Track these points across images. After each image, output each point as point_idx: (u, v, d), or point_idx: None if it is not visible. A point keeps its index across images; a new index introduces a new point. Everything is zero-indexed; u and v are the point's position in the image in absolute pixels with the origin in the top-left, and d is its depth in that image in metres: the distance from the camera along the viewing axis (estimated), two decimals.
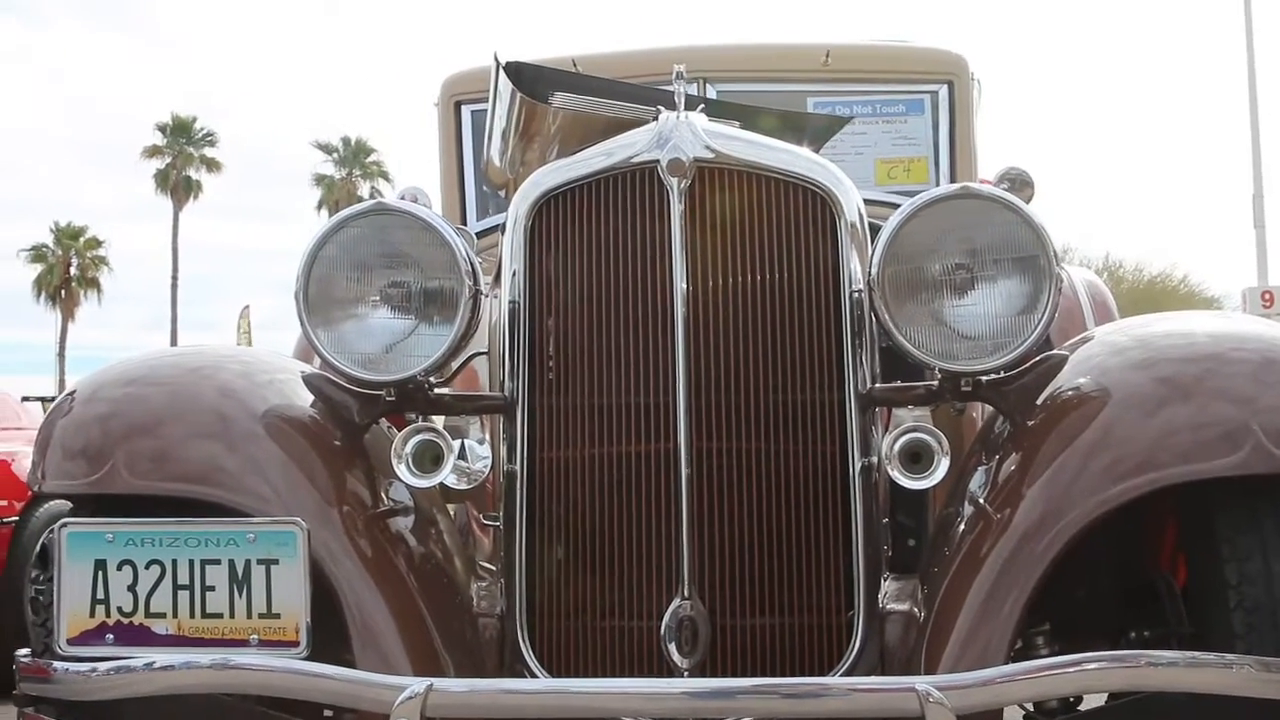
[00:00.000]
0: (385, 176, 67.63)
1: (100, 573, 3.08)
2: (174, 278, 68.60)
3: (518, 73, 4.03)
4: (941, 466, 3.18)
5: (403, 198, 5.14)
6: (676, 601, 3.20)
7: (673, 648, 3.19)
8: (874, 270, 3.22)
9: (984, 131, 5.85)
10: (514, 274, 3.44)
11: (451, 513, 3.97)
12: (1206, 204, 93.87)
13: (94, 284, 70.15)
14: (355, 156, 68.49)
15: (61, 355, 69.55)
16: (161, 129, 68.04)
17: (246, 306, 28.66)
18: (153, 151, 68.35)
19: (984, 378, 3.28)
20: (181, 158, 67.37)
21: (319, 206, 67.54)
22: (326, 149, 69.04)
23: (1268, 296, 31.83)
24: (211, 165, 68.74)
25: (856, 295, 3.35)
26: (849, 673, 3.25)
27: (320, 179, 68.55)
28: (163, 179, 67.72)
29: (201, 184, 68.52)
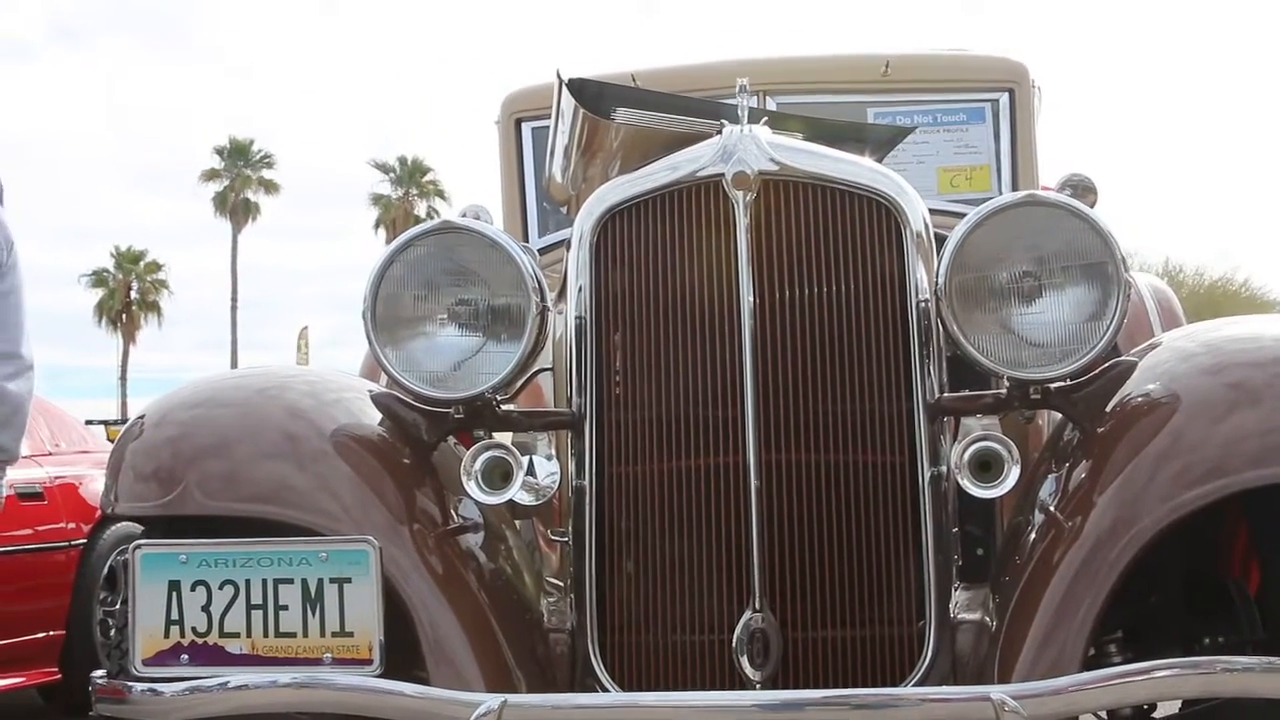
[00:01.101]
0: (442, 195, 67.90)
1: (174, 593, 3.11)
2: (233, 299, 69.04)
3: (580, 89, 4.03)
4: (1012, 475, 3.16)
5: (465, 215, 5.15)
6: (748, 614, 3.20)
7: (744, 660, 3.19)
8: (941, 279, 3.22)
9: (1045, 138, 5.82)
10: (580, 289, 3.45)
11: (518, 528, 3.99)
12: (1267, 207, 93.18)
13: (154, 307, 70.71)
14: (411, 176, 68.74)
15: (123, 378, 70.17)
16: (219, 152, 68.54)
17: (305, 327, 28.89)
18: (211, 174, 68.84)
19: (1053, 385, 3.27)
20: (239, 180, 67.83)
21: (376, 226, 67.82)
22: (383, 168, 69.33)
23: None
24: (269, 187, 69.19)
25: (923, 305, 3.35)
26: (921, 683, 3.24)
27: (377, 199, 68.84)
28: (221, 201, 68.19)
29: (259, 206, 69.00)
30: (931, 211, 3.64)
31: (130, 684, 3.15)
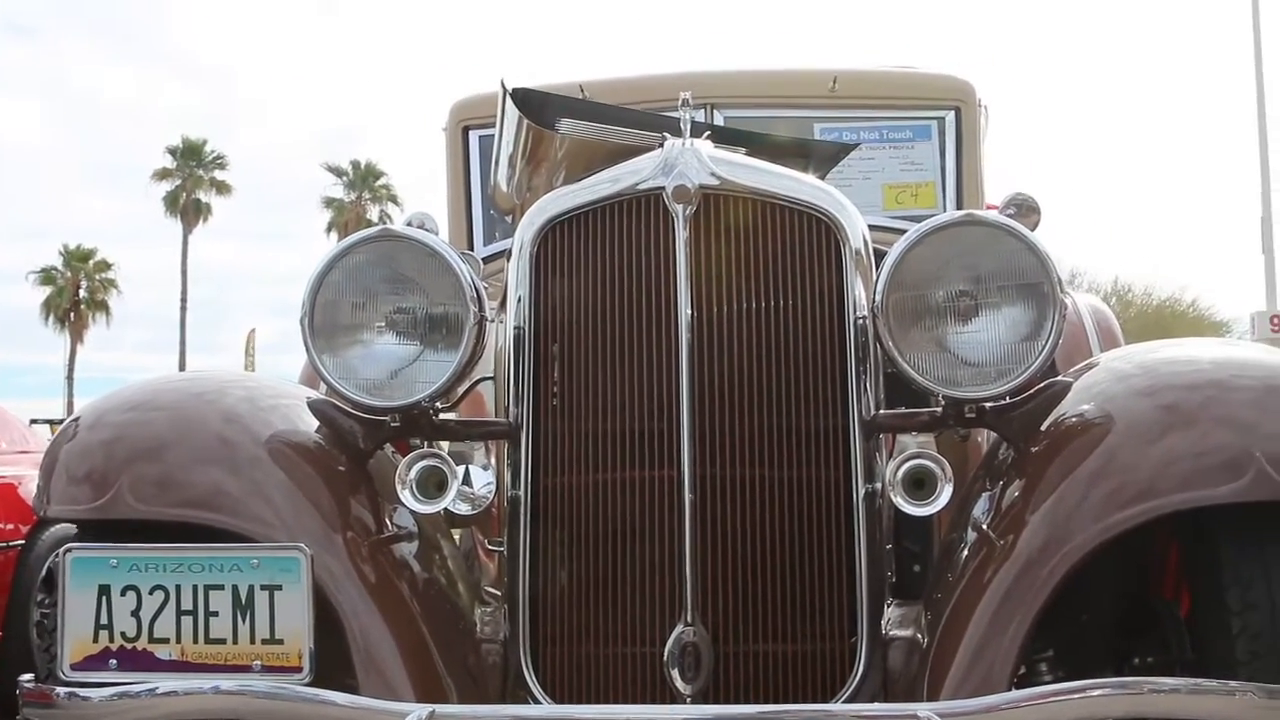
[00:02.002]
0: (395, 200, 67.69)
1: (104, 598, 3.09)
2: (183, 300, 68.62)
3: (524, 99, 4.03)
4: (945, 493, 3.17)
5: (410, 223, 5.14)
6: (680, 628, 3.20)
7: (676, 674, 3.19)
8: (878, 297, 3.23)
9: (992, 157, 5.85)
10: (519, 300, 3.45)
11: (458, 538, 3.97)
12: (1215, 228, 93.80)
13: (103, 306, 70.21)
14: (365, 180, 68.54)
15: (70, 378, 69.60)
16: (172, 152, 68.15)
17: (253, 330, 28.74)
18: (163, 174, 68.43)
19: (987, 404, 3.29)
20: (191, 180, 67.45)
21: (328, 229, 67.49)
22: (337, 172, 69.10)
23: (1276, 321, 31.82)
24: (221, 188, 68.80)
25: (861, 321, 3.36)
26: (852, 699, 3.25)
27: (330, 202, 68.60)
28: (172, 201, 67.79)
29: (211, 206, 68.60)
30: (876, 228, 3.66)
31: (57, 689, 3.11)
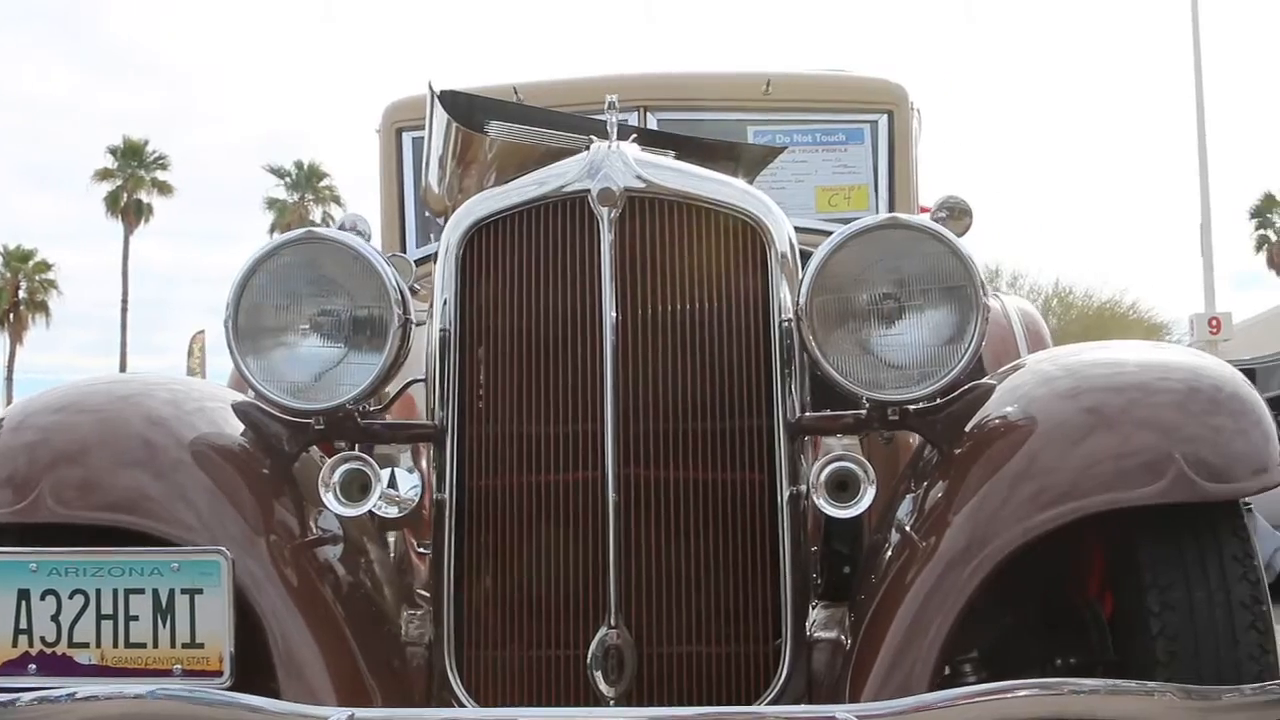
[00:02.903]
0: (338, 201, 67.31)
1: (24, 602, 3.06)
2: (124, 301, 68.05)
3: (453, 101, 4.03)
4: (867, 495, 3.18)
5: (343, 225, 5.13)
6: (603, 630, 3.20)
7: (599, 676, 3.19)
8: (802, 300, 3.24)
9: (930, 160, 5.88)
10: (445, 302, 3.45)
11: (392, 541, 3.97)
12: (1156, 232, 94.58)
13: (42, 307, 69.49)
14: (308, 181, 68.17)
15: (9, 379, 69.01)
16: (113, 151, 67.62)
17: (200, 332, 28.45)
18: (104, 174, 67.84)
19: (911, 407, 3.30)
20: (132, 180, 66.93)
21: (271, 230, 66.98)
22: (279, 173, 68.69)
23: (1214, 323, 32.04)
24: (163, 188, 68.29)
25: (786, 324, 3.37)
26: (775, 701, 3.26)
27: (272, 203, 68.23)
28: (113, 201, 67.28)
29: (152, 207, 68.09)
30: (807, 230, 3.67)
31: None
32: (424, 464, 3.68)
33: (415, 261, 5.16)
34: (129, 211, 66.85)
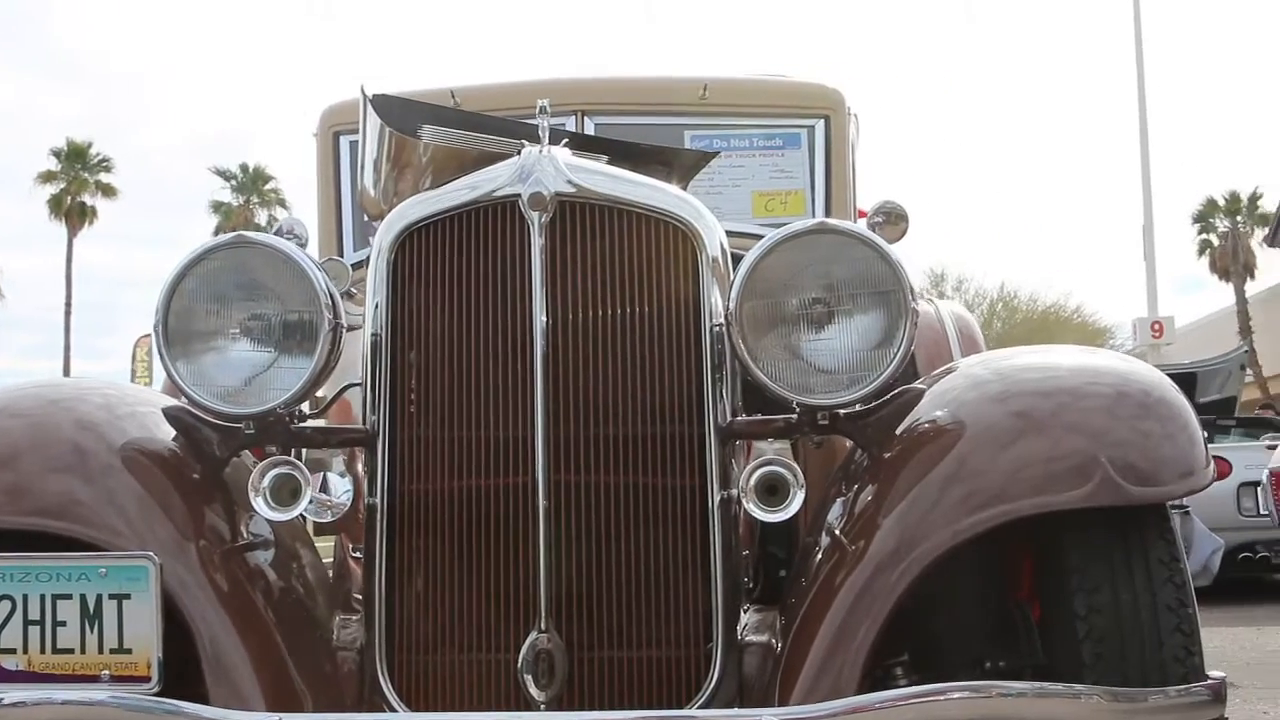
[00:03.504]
0: (283, 204, 66.86)
1: None
2: (67, 305, 67.38)
3: (385, 105, 4.03)
4: (797, 499, 3.19)
5: (280, 229, 5.12)
6: (533, 634, 3.21)
7: (529, 680, 3.19)
8: (732, 305, 3.24)
9: (869, 165, 5.89)
10: (376, 306, 3.44)
11: (332, 546, 3.96)
12: (1101, 236, 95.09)
13: None
14: (253, 184, 67.79)
15: None
16: (56, 154, 67.09)
17: (145, 335, 28.23)
18: (47, 176, 67.27)
19: (841, 411, 3.31)
20: (76, 183, 66.42)
21: (216, 233, 66.45)
22: (225, 175, 68.27)
23: (1157, 327, 32.30)
24: (107, 191, 67.78)
25: (717, 329, 3.38)
26: (707, 705, 3.27)
27: (218, 206, 67.84)
28: (56, 204, 66.74)
29: (96, 210, 67.60)
30: (745, 235, 3.68)
31: None
32: (359, 468, 3.67)
33: (352, 265, 5.16)
34: (72, 214, 66.25)
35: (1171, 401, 3.27)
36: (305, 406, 3.59)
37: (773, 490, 3.22)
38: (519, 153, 3.48)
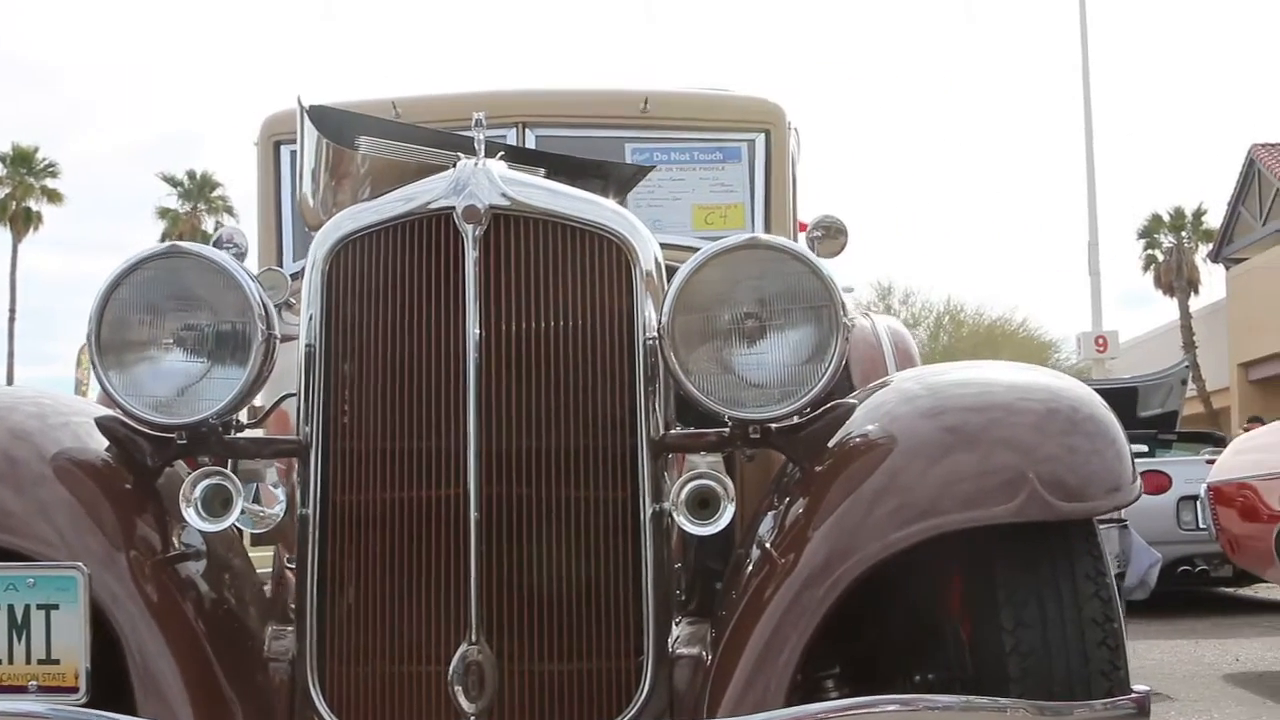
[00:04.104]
0: (230, 211, 66.63)
1: None
2: (11, 311, 66.90)
3: (322, 117, 4.03)
4: (727, 513, 3.20)
5: (220, 239, 5.11)
6: (464, 646, 3.20)
7: (459, 692, 3.19)
8: (664, 319, 3.26)
9: (817, 177, 5.92)
10: (311, 318, 3.44)
11: (271, 557, 3.95)
12: (1047, 250, 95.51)
13: None
14: (200, 190, 67.51)
15: None
16: (1, 159, 66.68)
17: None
18: None
19: (773, 425, 3.33)
20: (21, 188, 65.98)
21: (162, 240, 66.21)
22: (172, 182, 67.90)
23: (1101, 341, 32.42)
24: (53, 196, 67.35)
25: (650, 343, 3.39)
26: (637, 717, 3.28)
27: (164, 212, 67.48)
28: (1, 210, 66.32)
29: (42, 215, 67.14)
30: (684, 248, 3.69)
31: None
32: (294, 479, 3.67)
33: (292, 275, 5.14)
34: (18, 220, 65.77)
35: (1100, 418, 3.30)
36: (243, 417, 3.59)
37: (704, 503, 3.23)
38: (454, 165, 3.49)
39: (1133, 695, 3.07)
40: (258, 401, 3.98)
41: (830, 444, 3.37)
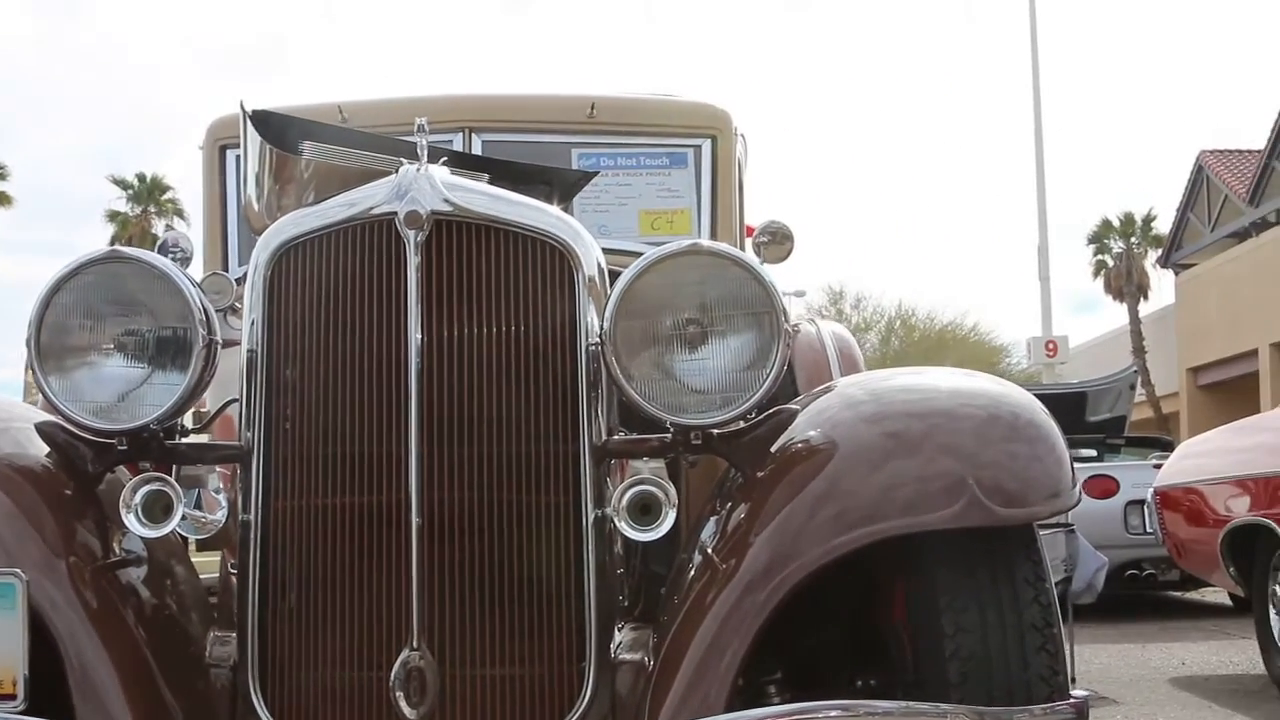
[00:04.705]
0: (181, 214, 66.33)
1: None
2: None
3: (265, 121, 4.02)
4: (669, 519, 3.21)
5: (165, 243, 5.09)
6: (405, 652, 3.20)
7: (401, 698, 3.19)
8: (606, 324, 3.27)
9: (766, 183, 5.93)
10: (253, 323, 3.43)
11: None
12: (998, 255, 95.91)
13: None
14: (150, 193, 67.20)
15: None
16: None
17: None
18: None
19: (715, 431, 3.34)
20: None
21: (112, 243, 65.91)
22: (122, 184, 67.62)
23: (1051, 346, 32.64)
24: (2, 199, 67.07)
25: (593, 348, 3.39)
26: None
27: (114, 215, 67.17)
28: None
29: None
30: (630, 254, 3.69)
31: None
32: (236, 484, 3.65)
33: (237, 280, 5.13)
34: None
35: (1040, 424, 3.32)
36: (188, 422, 3.57)
37: (645, 509, 3.23)
38: (398, 170, 3.48)
39: (1071, 700, 3.09)
40: (203, 407, 3.97)
41: (772, 449, 3.38)
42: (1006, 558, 3.20)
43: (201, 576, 3.91)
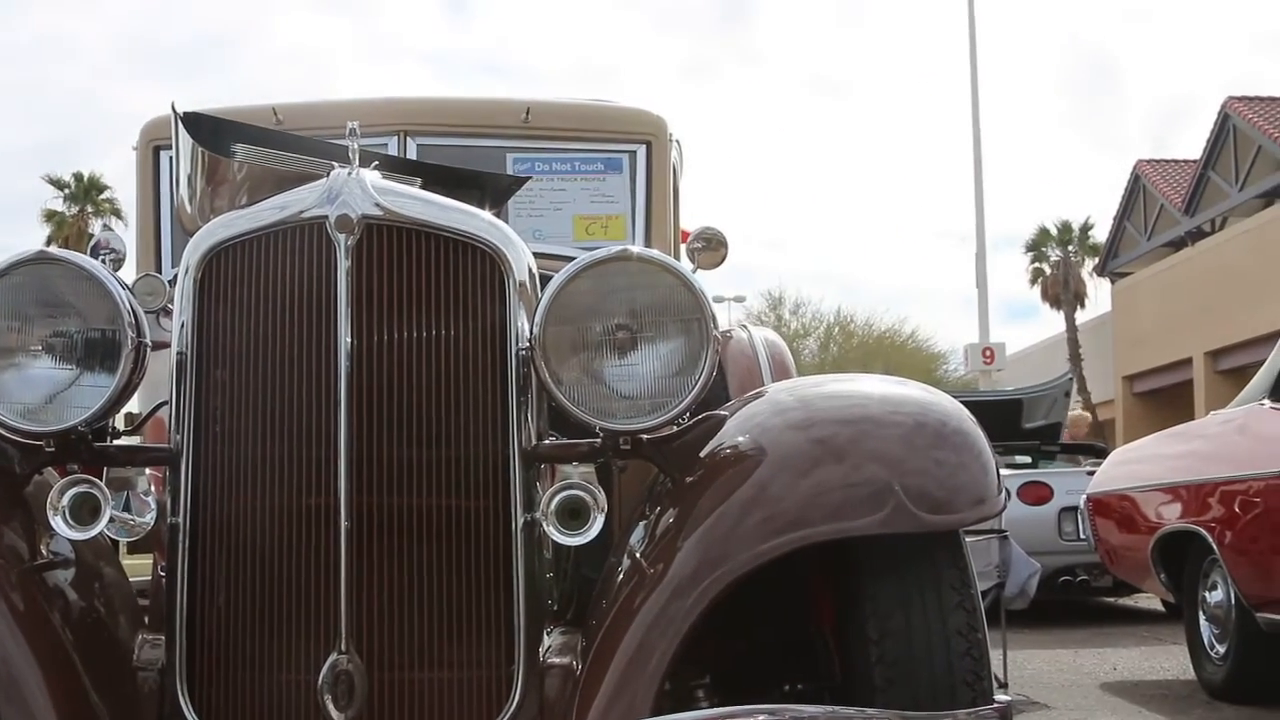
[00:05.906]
0: (119, 214, 65.84)
1: None
2: None
3: (196, 123, 4.01)
4: (597, 523, 3.23)
5: (97, 244, 5.08)
6: (334, 655, 3.20)
7: (329, 702, 3.19)
8: (536, 330, 3.28)
9: (704, 189, 5.95)
10: (183, 325, 3.42)
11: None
12: (937, 262, 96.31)
13: None
14: (87, 193, 66.77)
15: None
16: None
17: None
18: None
19: (644, 436, 3.35)
20: None
21: (48, 244, 65.44)
22: (58, 184, 67.20)
23: (988, 353, 32.80)
24: None
25: (523, 353, 3.39)
26: None
27: (50, 215, 66.71)
28: None
29: None
30: (564, 259, 3.70)
31: None
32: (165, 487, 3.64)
33: (170, 281, 5.11)
34: None
35: (967, 432, 3.35)
36: (120, 424, 3.56)
37: (574, 514, 3.25)
38: (328, 175, 3.48)
39: (995, 704, 3.12)
40: (135, 409, 3.95)
41: (701, 455, 3.39)
42: (932, 564, 3.23)
43: (134, 579, 3.90)
